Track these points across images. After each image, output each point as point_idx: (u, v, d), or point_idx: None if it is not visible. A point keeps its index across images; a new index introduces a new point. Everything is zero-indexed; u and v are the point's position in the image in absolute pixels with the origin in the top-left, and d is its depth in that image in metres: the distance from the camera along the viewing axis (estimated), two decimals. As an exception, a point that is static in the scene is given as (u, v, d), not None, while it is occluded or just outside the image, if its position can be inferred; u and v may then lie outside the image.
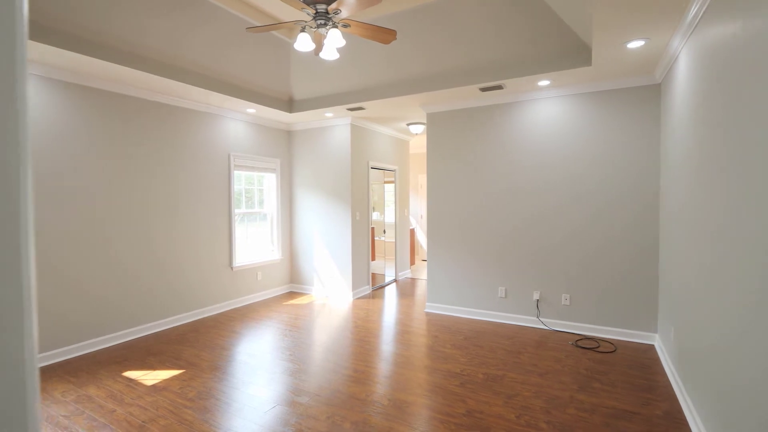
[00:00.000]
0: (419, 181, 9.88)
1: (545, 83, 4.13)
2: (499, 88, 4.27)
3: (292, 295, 6.14)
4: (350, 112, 5.42)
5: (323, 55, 3.09)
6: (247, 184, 5.76)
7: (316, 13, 2.83)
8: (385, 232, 7.55)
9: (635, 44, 3.12)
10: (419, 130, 6.38)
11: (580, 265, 4.26)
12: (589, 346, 3.91)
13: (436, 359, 3.64)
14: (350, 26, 3.01)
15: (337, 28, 2.94)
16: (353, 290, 5.88)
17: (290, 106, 5.49)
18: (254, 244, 5.88)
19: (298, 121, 5.99)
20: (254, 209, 5.89)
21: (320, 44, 3.35)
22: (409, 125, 6.36)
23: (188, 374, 3.35)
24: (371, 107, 5.18)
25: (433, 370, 3.42)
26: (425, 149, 9.28)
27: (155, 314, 4.47)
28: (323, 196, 6.03)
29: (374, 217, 8.34)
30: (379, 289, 6.51)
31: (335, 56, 3.09)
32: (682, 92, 2.95)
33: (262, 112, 5.38)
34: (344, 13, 2.79)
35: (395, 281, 7.09)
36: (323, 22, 2.87)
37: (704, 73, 2.38)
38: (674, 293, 3.17)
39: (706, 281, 2.32)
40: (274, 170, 6.09)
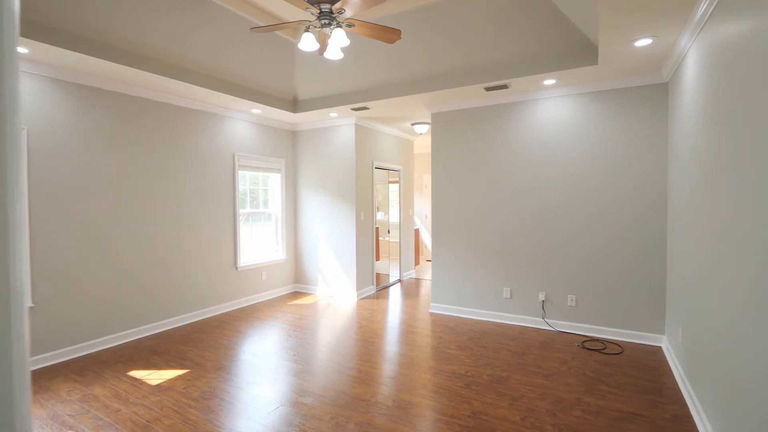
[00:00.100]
0: (424, 181, 9.86)
1: (551, 82, 4.09)
2: (504, 87, 4.24)
3: (296, 295, 6.15)
4: (354, 112, 5.42)
5: (327, 54, 3.09)
6: (251, 184, 5.77)
7: (320, 12, 2.82)
8: (389, 232, 7.54)
9: (642, 42, 3.08)
10: (424, 129, 6.36)
11: (585, 265, 4.22)
12: (595, 347, 3.87)
13: (440, 360, 3.62)
14: (354, 26, 3.00)
15: (341, 27, 2.93)
16: (357, 290, 5.87)
17: (294, 106, 5.50)
18: (259, 244, 5.89)
19: (302, 121, 5.99)
20: (259, 209, 5.90)
21: (324, 44, 3.34)
22: (413, 125, 6.34)
23: (193, 374, 3.36)
24: (375, 107, 5.17)
25: (437, 371, 3.40)
26: (430, 149, 9.26)
27: (160, 314, 4.49)
28: (328, 196, 6.03)
29: (379, 217, 8.33)
30: (383, 289, 6.50)
31: (339, 56, 3.08)
32: (690, 91, 2.91)
33: (266, 112, 5.38)
34: (348, 12, 2.78)
35: (400, 281, 7.07)
36: (327, 21, 2.86)
37: (713, 71, 2.34)
38: (682, 294, 3.13)
39: (714, 282, 2.28)
40: (278, 170, 6.10)
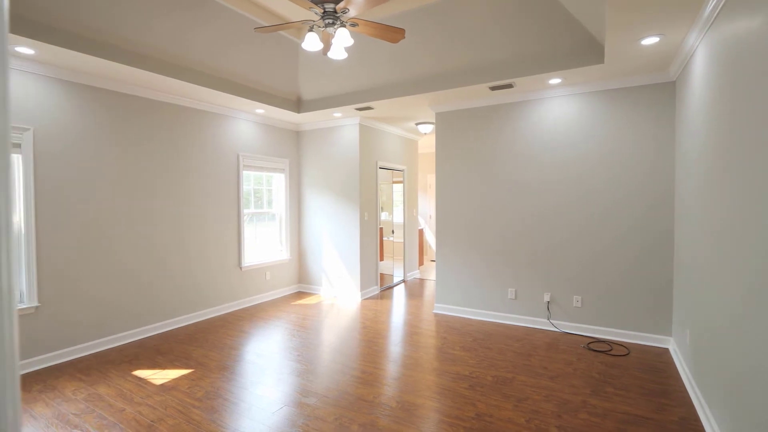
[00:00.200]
0: (428, 181, 9.83)
1: (556, 81, 4.06)
2: (509, 86, 4.22)
3: (300, 295, 6.15)
4: (359, 111, 5.41)
5: (331, 54, 3.08)
6: (256, 184, 5.78)
7: (324, 12, 2.82)
8: (393, 232, 7.53)
9: (650, 41, 3.05)
10: (428, 129, 6.34)
11: (591, 266, 4.19)
12: (601, 349, 3.84)
13: (444, 361, 3.60)
14: (358, 25, 2.99)
15: (345, 27, 2.92)
16: (361, 290, 5.86)
17: (299, 106, 5.49)
18: (263, 244, 5.90)
19: (306, 121, 5.99)
20: (263, 209, 5.91)
21: (328, 44, 3.34)
22: (417, 125, 6.32)
23: (197, 374, 3.36)
24: (380, 107, 5.15)
25: (441, 372, 3.38)
26: (434, 149, 9.24)
27: (165, 314, 4.51)
28: (332, 196, 6.03)
29: (383, 217, 8.31)
30: (387, 289, 6.48)
31: (343, 56, 3.08)
32: (698, 90, 2.87)
33: (270, 112, 5.39)
34: (352, 12, 2.77)
35: (404, 282, 7.06)
36: (331, 21, 2.85)
37: (722, 69, 2.31)
38: (690, 295, 3.09)
39: (722, 283, 2.25)
40: (282, 170, 6.10)
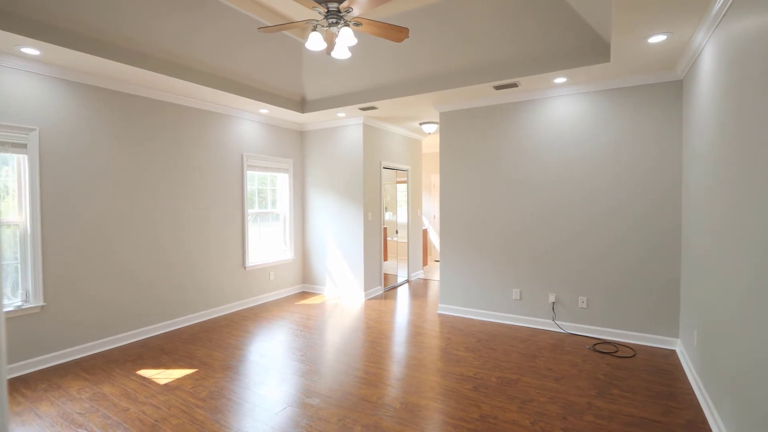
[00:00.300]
0: (432, 180, 9.81)
1: (561, 80, 4.03)
2: (513, 86, 4.19)
3: (304, 295, 6.15)
4: (362, 111, 5.40)
5: (335, 54, 3.07)
6: (260, 184, 5.79)
7: (327, 11, 2.81)
8: (397, 232, 7.51)
9: (657, 39, 3.02)
10: (432, 129, 6.32)
11: (597, 267, 4.15)
12: (607, 350, 3.80)
13: (448, 362, 3.58)
14: (362, 24, 2.98)
15: (348, 26, 2.91)
16: (365, 291, 5.85)
17: (302, 106, 5.49)
18: (267, 244, 5.90)
19: (310, 121, 5.99)
20: (267, 209, 5.91)
21: (332, 43, 3.33)
22: (421, 124, 6.30)
23: (201, 373, 3.37)
24: (383, 107, 5.14)
25: (445, 373, 3.36)
26: (438, 149, 9.21)
27: (169, 313, 4.52)
28: (336, 196, 6.02)
29: (387, 217, 8.30)
30: (391, 289, 6.47)
31: (347, 55, 3.07)
32: (706, 89, 2.84)
33: (274, 112, 5.39)
34: (356, 11, 2.76)
35: (408, 282, 7.04)
36: (335, 20, 2.84)
37: (730, 68, 2.27)
38: (697, 296, 3.05)
39: (731, 283, 2.21)
40: (286, 170, 6.10)
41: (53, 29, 3.08)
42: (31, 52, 3.20)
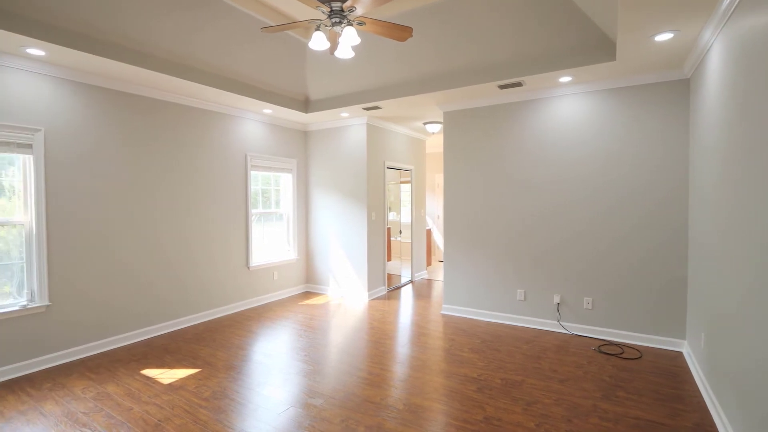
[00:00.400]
0: (436, 180, 9.78)
1: (566, 79, 4.00)
2: (518, 85, 4.16)
3: (307, 295, 6.15)
4: (366, 111, 5.39)
5: (338, 53, 3.06)
6: (263, 184, 5.79)
7: (330, 11, 2.80)
8: (401, 232, 7.49)
9: (663, 37, 2.98)
10: (436, 129, 6.29)
11: (602, 267, 4.11)
12: (612, 352, 3.77)
13: (452, 363, 3.56)
14: (365, 24, 2.97)
15: (352, 26, 2.90)
16: (369, 291, 5.84)
17: (306, 106, 5.49)
18: (270, 244, 5.91)
19: (314, 121, 5.99)
20: (271, 209, 5.92)
21: (335, 43, 3.32)
22: (425, 124, 6.28)
23: (204, 373, 3.37)
24: (387, 106, 5.13)
25: (449, 374, 3.34)
26: (442, 148, 9.19)
27: (173, 313, 4.53)
28: (339, 196, 6.02)
29: (390, 217, 8.29)
30: (394, 290, 6.46)
31: (350, 55, 3.05)
32: (714, 87, 2.80)
33: (278, 112, 5.39)
34: (359, 10, 2.75)
35: (411, 282, 7.02)
36: (338, 20, 2.83)
37: (739, 66, 2.24)
38: (705, 298, 3.02)
39: (740, 284, 2.18)
40: (290, 170, 6.11)
41: (58, 30, 3.09)
42: (36, 52, 3.22)
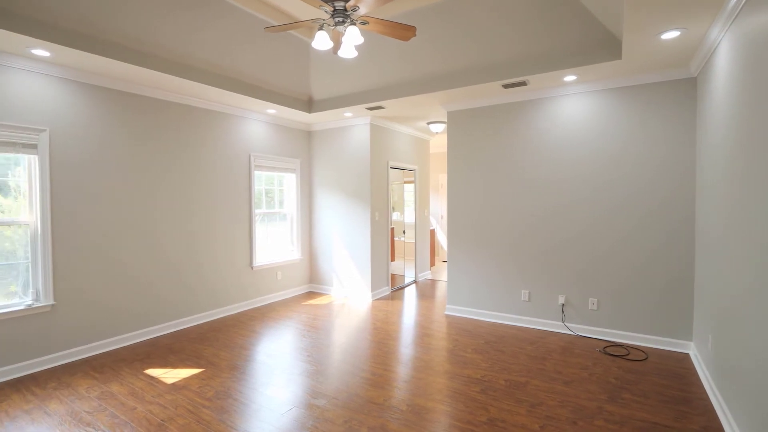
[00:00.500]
0: (440, 180, 9.76)
1: (571, 78, 3.96)
2: (522, 84, 4.14)
3: (311, 295, 6.15)
4: (370, 111, 5.38)
5: (341, 53, 3.05)
6: (267, 184, 5.80)
7: (334, 10, 2.79)
8: (404, 232, 7.47)
9: (670, 35, 2.95)
10: (440, 128, 6.27)
11: (607, 267, 4.08)
12: (618, 353, 3.73)
13: (456, 364, 3.54)
14: (368, 23, 2.96)
15: (355, 25, 2.89)
16: (372, 291, 5.83)
17: (310, 106, 5.49)
18: (274, 244, 5.91)
19: (317, 121, 5.99)
20: (274, 209, 5.92)
21: (338, 42, 3.31)
22: (429, 124, 6.26)
23: (207, 373, 3.37)
24: (391, 106, 5.11)
25: (453, 375, 3.32)
26: (446, 148, 9.16)
27: (177, 313, 4.54)
28: (343, 196, 6.01)
29: (394, 217, 8.27)
30: (398, 290, 6.44)
31: (354, 54, 3.04)
32: (722, 86, 2.76)
33: (281, 112, 5.39)
34: (362, 10, 2.74)
35: (415, 282, 7.00)
36: (341, 19, 2.82)
37: (747, 64, 2.21)
38: (712, 298, 2.98)
39: (749, 286, 2.15)
40: (294, 170, 6.11)
41: (62, 30, 3.10)
42: (41, 53, 3.23)
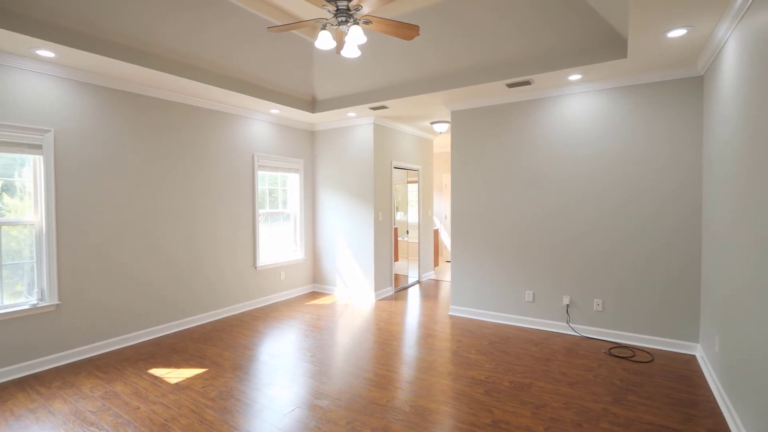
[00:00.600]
0: (443, 180, 9.73)
1: (576, 77, 3.93)
2: (527, 83, 4.11)
3: (314, 295, 6.14)
4: (373, 111, 5.37)
5: (345, 53, 3.04)
6: (270, 184, 5.80)
7: (337, 10, 2.78)
8: (408, 232, 7.46)
9: (676, 33, 2.91)
10: (443, 128, 6.25)
11: (613, 268, 4.04)
12: (623, 354, 3.70)
13: (459, 365, 3.52)
14: (372, 23, 2.95)
15: (358, 24, 2.88)
16: (376, 291, 5.82)
17: (313, 106, 5.49)
18: (277, 244, 5.91)
19: (321, 121, 5.99)
20: (278, 209, 5.93)
21: (341, 42, 3.30)
22: (432, 124, 6.24)
23: (211, 373, 3.37)
24: (394, 106, 5.10)
25: (456, 376, 3.31)
26: (449, 148, 9.13)
27: (181, 313, 4.55)
28: (346, 196, 6.00)
29: (397, 217, 8.26)
30: (401, 290, 6.43)
31: (357, 54, 3.03)
32: (729, 85, 2.73)
33: (285, 112, 5.39)
34: (365, 9, 2.73)
35: (418, 283, 6.99)
36: (344, 19, 2.81)
37: (754, 62, 2.17)
38: (719, 299, 2.94)
39: (758, 285, 2.11)
40: (297, 170, 6.11)
41: (67, 31, 3.11)
42: (46, 54, 3.25)
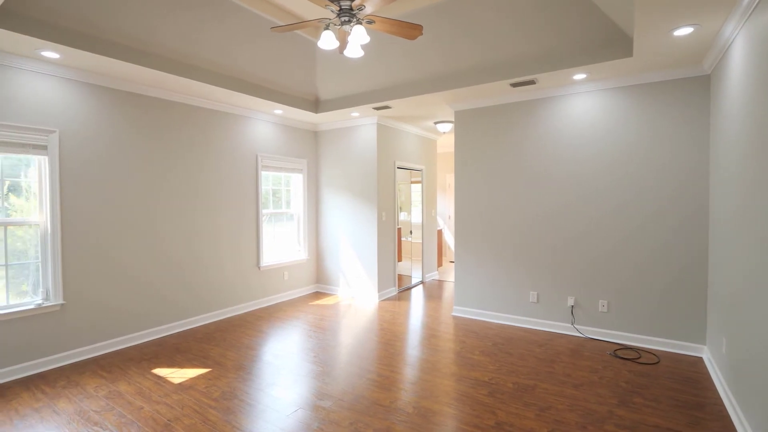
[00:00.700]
0: (447, 180, 9.71)
1: (581, 77, 3.90)
2: (531, 83, 4.08)
3: (318, 295, 6.14)
4: (376, 111, 5.36)
5: (348, 52, 3.03)
6: (274, 184, 5.81)
7: (340, 10, 2.77)
8: (411, 232, 7.44)
9: (683, 32, 2.88)
10: (447, 128, 6.23)
11: (618, 269, 4.01)
12: (629, 356, 3.67)
13: (463, 366, 3.51)
14: (375, 22, 2.94)
15: (361, 24, 2.87)
16: (379, 291, 5.81)
17: (316, 106, 5.49)
18: (281, 244, 5.92)
19: (324, 121, 5.99)
20: (281, 209, 5.93)
21: (344, 42, 3.29)
22: (436, 124, 6.22)
23: (214, 373, 3.38)
24: (397, 106, 5.09)
25: (460, 377, 3.29)
26: (453, 148, 9.10)
27: (185, 313, 4.56)
28: (349, 196, 6.00)
29: (401, 217, 8.25)
30: (405, 290, 6.41)
31: (360, 54, 3.02)
32: (737, 84, 2.69)
33: (288, 112, 5.40)
34: (368, 9, 2.72)
35: (422, 283, 6.97)
36: (347, 18, 2.80)
37: (762, 60, 2.14)
38: (727, 300, 2.91)
39: (766, 287, 2.08)
40: (300, 171, 6.11)
41: (71, 32, 3.13)
42: (50, 55, 3.26)
